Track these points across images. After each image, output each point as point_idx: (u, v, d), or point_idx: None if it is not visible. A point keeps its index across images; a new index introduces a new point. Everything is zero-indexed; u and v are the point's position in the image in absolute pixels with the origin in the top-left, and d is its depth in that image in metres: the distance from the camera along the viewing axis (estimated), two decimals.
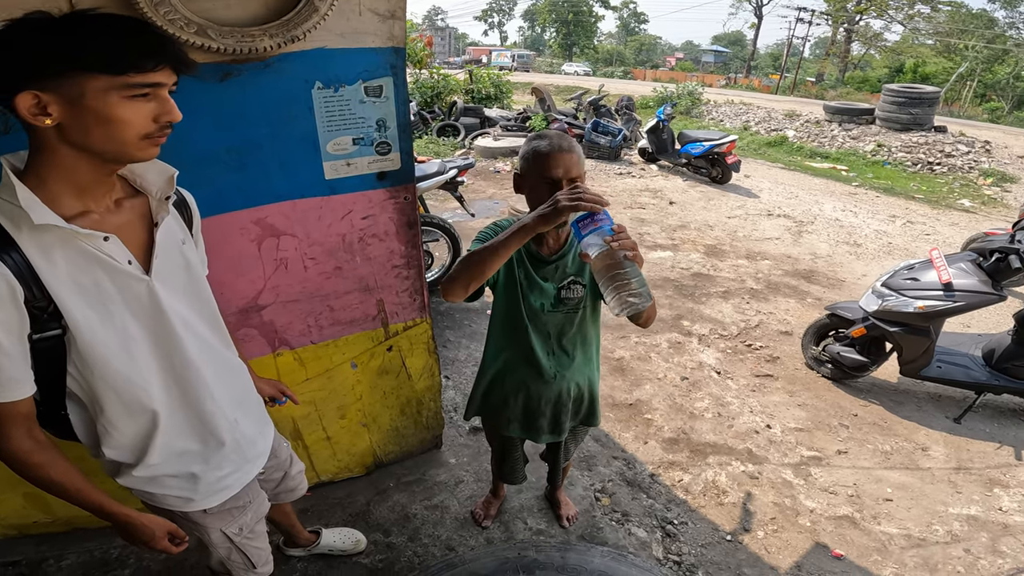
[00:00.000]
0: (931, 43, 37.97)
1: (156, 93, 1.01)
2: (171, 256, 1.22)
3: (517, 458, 2.27)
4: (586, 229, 1.29)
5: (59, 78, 0.94)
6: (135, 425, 1.21)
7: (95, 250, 1.07)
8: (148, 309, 1.16)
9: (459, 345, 4.05)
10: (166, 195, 1.21)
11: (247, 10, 1.69)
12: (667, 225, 7.16)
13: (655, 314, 1.65)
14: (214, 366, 1.32)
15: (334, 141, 1.94)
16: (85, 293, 1.08)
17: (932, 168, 11.48)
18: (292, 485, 1.79)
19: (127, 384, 1.17)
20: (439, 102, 14.24)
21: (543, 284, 1.74)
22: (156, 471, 1.27)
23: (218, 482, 1.36)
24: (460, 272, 1.49)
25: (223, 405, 1.34)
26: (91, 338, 1.09)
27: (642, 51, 73.52)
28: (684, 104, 18.60)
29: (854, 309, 3.81)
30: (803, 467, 3.14)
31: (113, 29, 0.97)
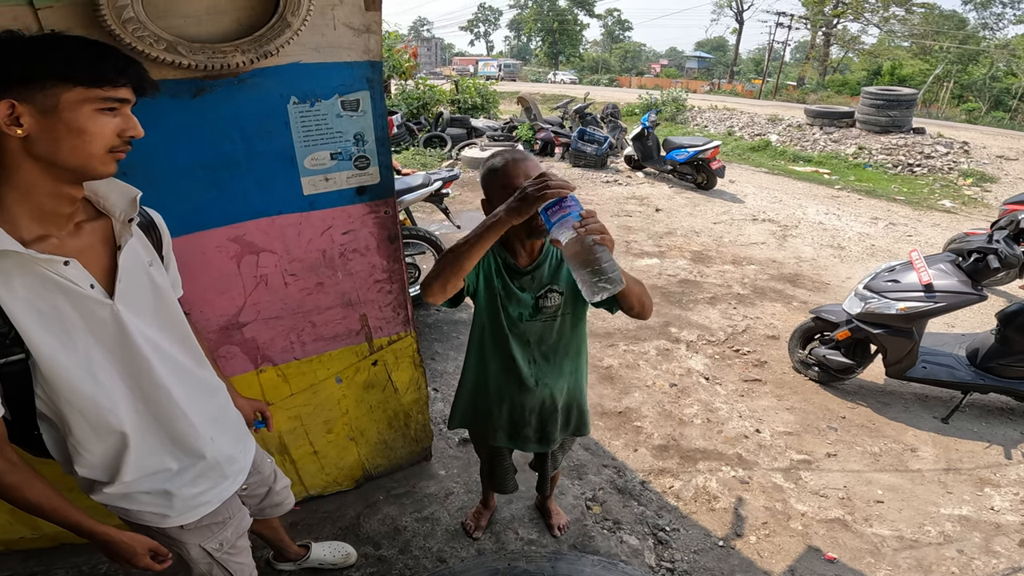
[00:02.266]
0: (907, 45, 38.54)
1: (121, 109, 1.06)
2: (136, 279, 1.21)
3: (506, 468, 2.26)
4: (555, 216, 1.29)
5: (38, 88, 0.97)
6: (104, 445, 1.21)
7: (55, 275, 1.07)
8: (112, 333, 1.16)
9: (447, 357, 4.02)
10: (129, 217, 1.20)
11: (218, 26, 1.67)
12: (654, 232, 7.17)
13: (651, 304, 1.64)
14: (186, 386, 1.31)
15: (311, 156, 1.92)
16: (44, 318, 1.07)
17: (912, 170, 11.58)
18: (277, 500, 1.78)
19: (93, 406, 1.16)
20: (425, 113, 14.21)
21: (520, 294, 1.75)
22: (129, 488, 1.26)
23: (194, 498, 1.36)
24: (437, 271, 1.49)
25: (197, 424, 1.33)
26: (53, 363, 1.09)
27: (627, 58, 74.09)
28: (669, 111, 18.69)
29: (838, 312, 3.82)
30: (793, 471, 3.13)
31: (87, 48, 1.02)
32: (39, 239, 1.07)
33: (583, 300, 1.76)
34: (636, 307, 1.59)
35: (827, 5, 39.03)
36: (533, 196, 1.32)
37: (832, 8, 39.12)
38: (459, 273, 1.47)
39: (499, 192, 1.60)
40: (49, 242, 1.08)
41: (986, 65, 30.97)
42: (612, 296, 1.51)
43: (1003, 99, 27.98)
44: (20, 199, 1.04)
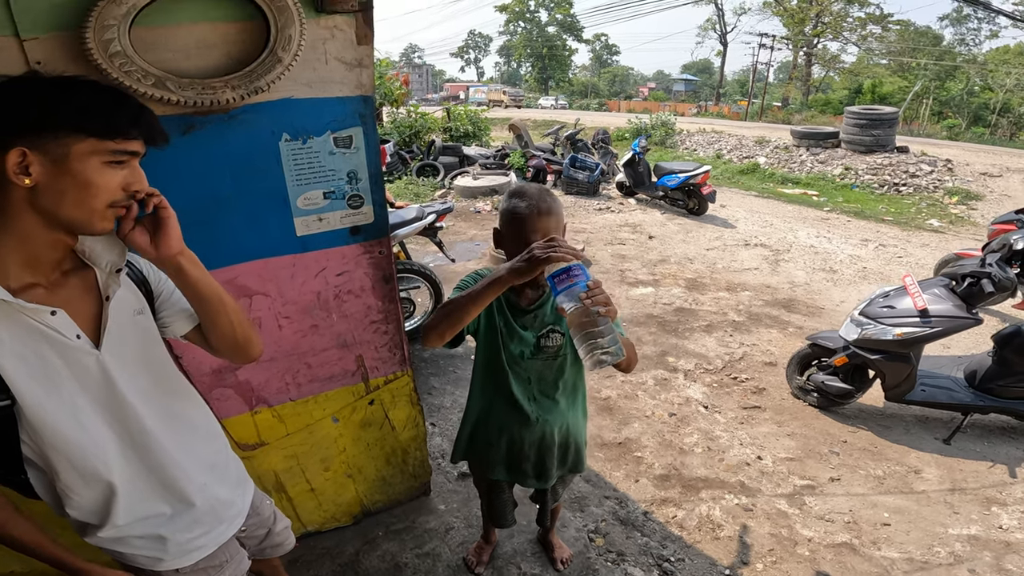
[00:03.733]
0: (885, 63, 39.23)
1: (130, 162, 1.05)
2: (124, 328, 1.20)
3: (506, 501, 2.24)
4: (561, 285, 1.29)
5: (51, 137, 0.96)
6: (92, 491, 1.19)
7: (41, 325, 1.06)
8: (99, 382, 1.15)
9: (444, 392, 3.98)
10: (117, 267, 1.19)
11: (208, 61, 1.66)
12: (647, 260, 7.17)
13: (636, 360, 1.66)
14: (176, 432, 1.30)
15: (304, 195, 1.90)
16: (30, 367, 1.06)
17: (898, 189, 11.69)
18: (278, 541, 1.76)
19: (81, 453, 1.15)
20: (417, 141, 14.24)
21: (522, 333, 1.75)
22: (121, 532, 1.24)
23: (189, 543, 1.34)
24: (438, 321, 1.49)
25: (189, 470, 1.32)
26: (38, 410, 1.08)
27: (616, 82, 75.03)
28: (658, 135, 18.83)
29: (834, 338, 3.82)
30: (797, 496, 3.09)
31: (101, 95, 1.01)
32: (27, 288, 1.06)
33: None
34: (624, 365, 1.62)
35: (807, 25, 39.70)
36: (538, 260, 1.32)
37: (812, 28, 39.80)
38: (458, 325, 1.48)
39: (513, 235, 1.61)
40: (36, 291, 1.07)
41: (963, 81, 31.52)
42: None
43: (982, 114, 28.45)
44: (14, 248, 1.03)
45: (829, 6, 38.55)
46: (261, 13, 1.63)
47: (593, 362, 1.25)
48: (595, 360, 1.25)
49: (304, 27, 1.68)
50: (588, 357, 1.26)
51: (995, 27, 40.32)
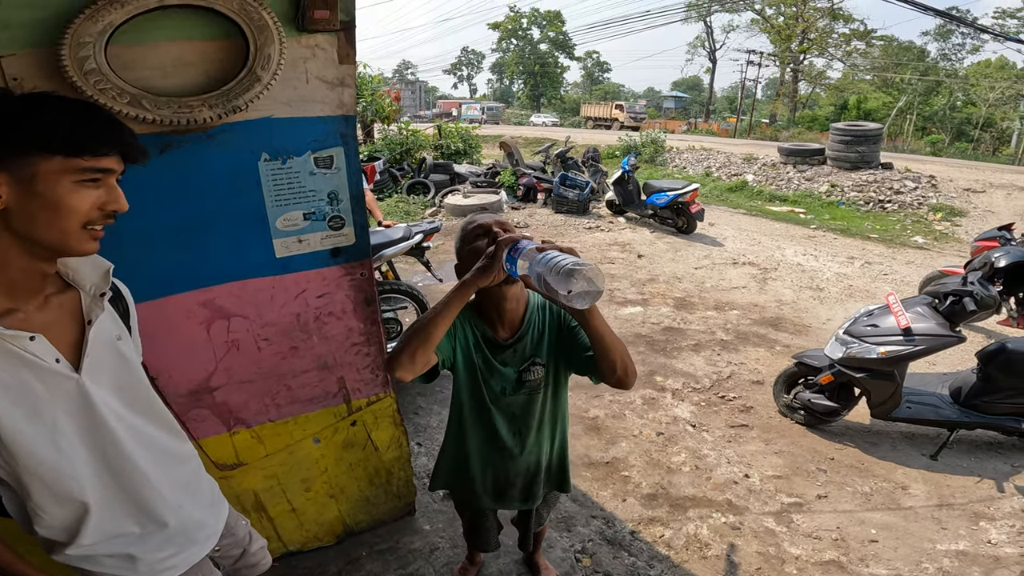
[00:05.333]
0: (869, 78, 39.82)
1: (105, 180, 1.01)
2: (104, 353, 1.19)
3: (489, 526, 2.20)
4: (515, 254, 1.26)
5: (16, 157, 0.93)
6: (63, 511, 1.18)
7: (20, 350, 1.05)
8: (78, 405, 1.14)
9: (431, 412, 3.96)
10: (101, 291, 1.18)
11: (185, 79, 1.65)
12: (636, 279, 7.18)
13: (634, 370, 1.53)
14: (153, 455, 1.29)
15: (284, 216, 1.88)
16: (9, 391, 1.05)
17: (883, 206, 11.80)
18: (252, 561, 1.74)
19: (55, 475, 1.13)
20: (408, 158, 14.22)
21: (502, 369, 1.70)
22: (90, 551, 1.23)
23: (160, 563, 1.32)
24: (405, 343, 1.41)
25: (164, 492, 1.31)
26: (15, 434, 1.06)
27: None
28: (648, 152, 18.93)
29: (820, 357, 3.84)
30: (784, 514, 3.08)
31: (70, 111, 0.98)
32: (6, 313, 1.05)
33: (566, 370, 1.75)
34: (619, 369, 1.48)
35: (793, 41, 40.32)
36: (495, 250, 1.29)
37: (798, 44, 40.40)
38: (428, 344, 1.40)
39: (466, 255, 1.60)
40: (16, 316, 1.06)
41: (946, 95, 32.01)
42: (593, 363, 1.50)
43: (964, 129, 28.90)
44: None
45: (815, 23, 39.20)
46: (240, 31, 1.63)
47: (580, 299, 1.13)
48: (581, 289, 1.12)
49: (284, 46, 1.68)
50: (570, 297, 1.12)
51: (977, 42, 41.17)
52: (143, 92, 1.56)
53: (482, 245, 1.50)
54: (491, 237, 1.36)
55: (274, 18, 1.66)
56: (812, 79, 43.36)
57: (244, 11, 1.62)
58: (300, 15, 1.71)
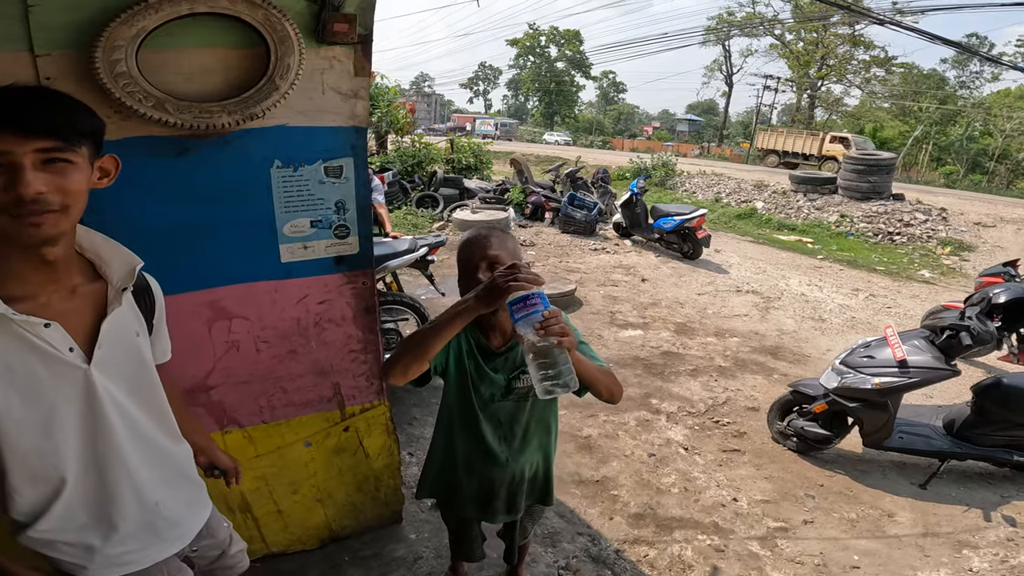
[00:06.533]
0: (887, 106, 39.85)
1: (8, 163, 0.99)
2: (119, 346, 1.23)
3: (474, 536, 2.25)
4: (519, 312, 1.33)
5: None
6: (35, 494, 1.21)
7: (33, 336, 1.09)
8: (82, 395, 1.18)
9: (425, 423, 4.03)
10: (123, 286, 1.22)
11: (207, 85, 1.73)
12: (639, 303, 7.26)
13: (620, 392, 1.68)
14: (143, 452, 1.32)
15: (291, 223, 1.96)
16: (14, 376, 1.09)
17: (892, 238, 11.88)
18: (230, 563, 1.77)
19: (37, 458, 1.17)
20: (419, 171, 14.37)
21: (493, 375, 1.77)
22: (50, 536, 1.24)
23: (118, 556, 1.33)
24: (400, 354, 1.52)
25: (143, 489, 1.33)
26: (5, 416, 1.10)
27: (621, 120, 75.83)
28: (658, 175, 19.04)
29: (815, 386, 3.91)
30: (769, 539, 3.14)
31: None
32: (25, 298, 1.09)
33: None
34: (605, 395, 1.64)
35: (812, 67, 40.42)
36: (500, 288, 1.35)
37: (817, 70, 40.52)
38: (422, 358, 1.49)
39: (463, 267, 1.69)
40: (35, 302, 1.10)
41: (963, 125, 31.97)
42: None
43: (980, 161, 28.82)
44: (5, 259, 1.08)
45: (835, 49, 39.32)
46: (262, 41, 1.72)
47: (543, 391, 1.30)
48: (544, 389, 1.30)
49: (303, 56, 1.77)
50: (538, 384, 1.31)
51: (997, 70, 41.14)
52: (167, 96, 1.64)
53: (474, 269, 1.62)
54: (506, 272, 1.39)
55: (296, 30, 1.75)
56: (829, 106, 43.45)
57: (268, 22, 1.71)
58: (320, 27, 1.81)
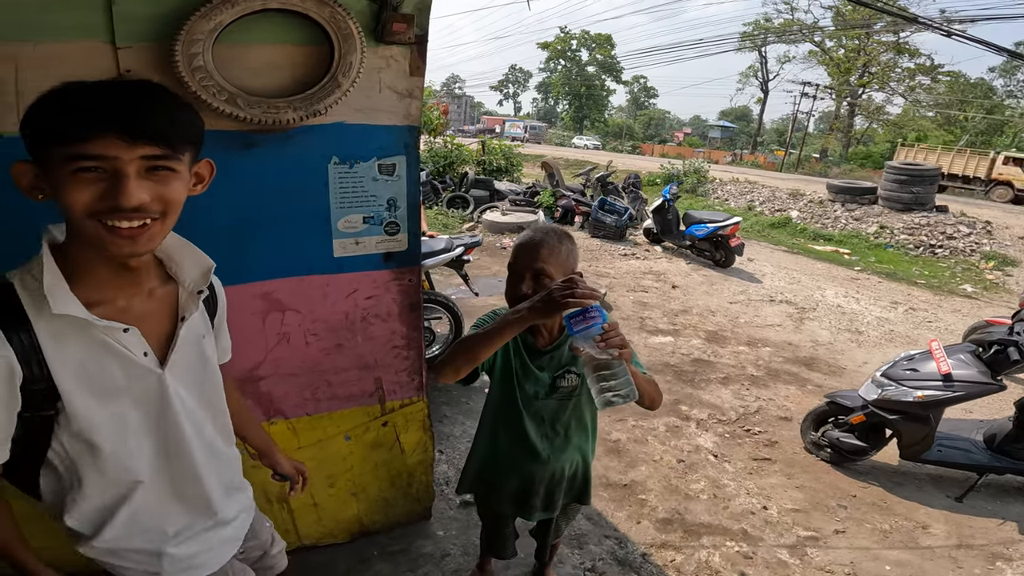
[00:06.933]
0: (931, 115, 39.02)
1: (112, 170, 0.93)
2: (189, 350, 1.23)
3: (508, 534, 2.30)
4: (578, 326, 1.35)
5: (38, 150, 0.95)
6: (103, 500, 1.20)
7: (112, 341, 1.09)
8: (155, 400, 1.18)
9: (455, 421, 4.12)
10: (198, 289, 1.22)
11: (274, 81, 1.81)
12: (669, 310, 7.27)
13: (660, 397, 1.72)
14: (207, 455, 1.33)
15: (345, 219, 2.04)
16: (91, 381, 1.09)
17: (934, 251, 11.67)
18: (270, 563, 1.78)
19: (114, 463, 1.17)
20: (451, 172, 14.55)
21: (538, 373, 1.82)
22: (116, 544, 1.23)
23: (186, 560, 1.32)
24: (452, 356, 1.56)
25: (210, 492, 1.34)
26: (88, 424, 1.10)
27: (651, 125, 75.61)
28: (690, 182, 18.94)
29: (853, 397, 3.92)
30: (799, 547, 3.16)
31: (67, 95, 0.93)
32: (104, 302, 1.08)
33: None
34: (647, 403, 1.66)
35: (853, 74, 39.76)
36: (558, 302, 1.37)
37: (858, 78, 39.85)
38: (473, 362, 1.55)
39: (511, 270, 1.73)
40: (113, 307, 1.10)
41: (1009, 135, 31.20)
42: None
43: None
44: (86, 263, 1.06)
45: (878, 56, 38.68)
46: (327, 38, 1.79)
47: (603, 402, 1.34)
48: (605, 400, 1.33)
49: (364, 55, 1.83)
50: (598, 396, 1.34)
51: None
52: (239, 91, 1.71)
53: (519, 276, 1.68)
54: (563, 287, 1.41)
55: (358, 28, 1.81)
56: (870, 114, 42.73)
57: (333, 19, 1.78)
58: (380, 27, 1.88)
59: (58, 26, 1.59)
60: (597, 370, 1.35)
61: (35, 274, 1.02)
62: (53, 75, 1.60)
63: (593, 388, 1.36)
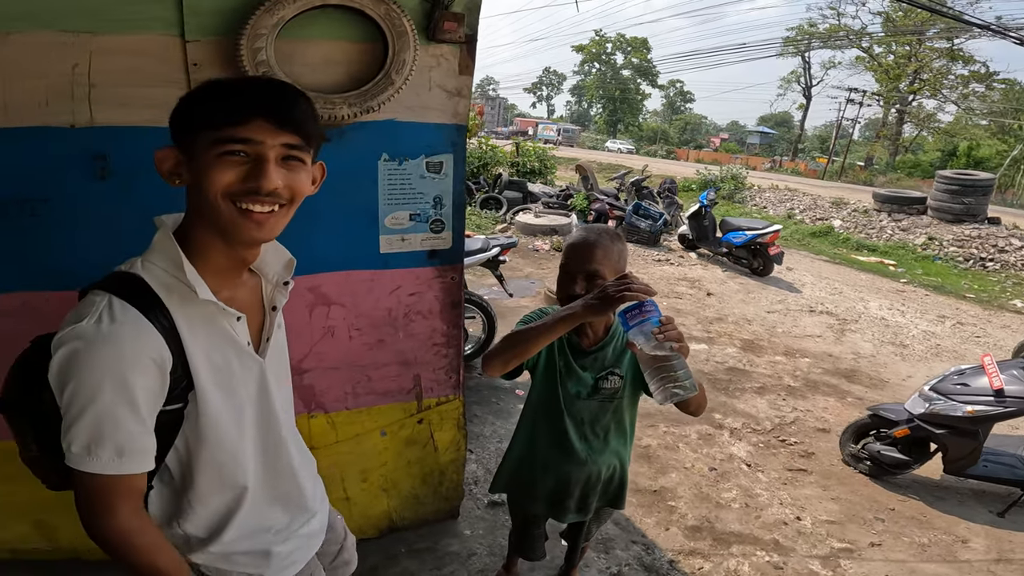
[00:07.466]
0: (985, 123, 38.03)
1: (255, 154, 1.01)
2: (276, 340, 1.28)
3: (538, 535, 2.32)
4: (633, 320, 1.37)
5: (185, 137, 1.03)
6: (221, 500, 1.21)
7: (230, 329, 1.13)
8: (259, 389, 1.21)
9: (485, 421, 4.19)
10: (284, 280, 1.28)
11: (330, 77, 1.88)
12: (703, 317, 7.26)
13: (705, 402, 1.74)
14: (297, 447, 1.38)
15: (392, 215, 2.11)
16: (216, 370, 1.11)
17: (984, 265, 11.47)
18: (347, 557, 1.76)
19: (232, 461, 1.18)
20: (485, 173, 14.68)
21: (581, 373, 1.85)
22: (230, 548, 1.24)
23: (287, 557, 1.34)
24: (503, 349, 1.61)
25: (300, 484, 1.36)
26: (216, 416, 1.12)
27: (687, 130, 75.13)
28: (727, 188, 18.81)
29: (898, 411, 3.92)
30: (832, 559, 3.16)
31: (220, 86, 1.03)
32: (219, 291, 1.10)
33: (641, 386, 1.85)
34: (692, 407, 1.68)
35: (903, 81, 38.92)
36: (612, 298, 1.40)
37: (908, 84, 39.05)
38: (523, 356, 1.60)
39: (564, 270, 1.77)
40: (226, 294, 1.13)
41: None
42: None
43: None
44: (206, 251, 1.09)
45: (930, 63, 37.93)
46: (381, 36, 1.86)
47: (666, 395, 1.34)
48: (669, 393, 1.34)
49: (417, 53, 1.90)
50: (661, 390, 1.35)
51: None
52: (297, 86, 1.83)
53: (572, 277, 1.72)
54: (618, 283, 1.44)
55: (412, 26, 1.86)
56: (920, 121, 41.89)
57: (388, 16, 1.83)
58: (432, 25, 1.95)
59: (130, 19, 1.69)
60: (656, 363, 1.35)
61: (158, 263, 1.07)
62: (124, 68, 1.76)
63: (653, 383, 1.37)
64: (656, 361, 1.35)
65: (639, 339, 1.36)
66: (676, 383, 1.33)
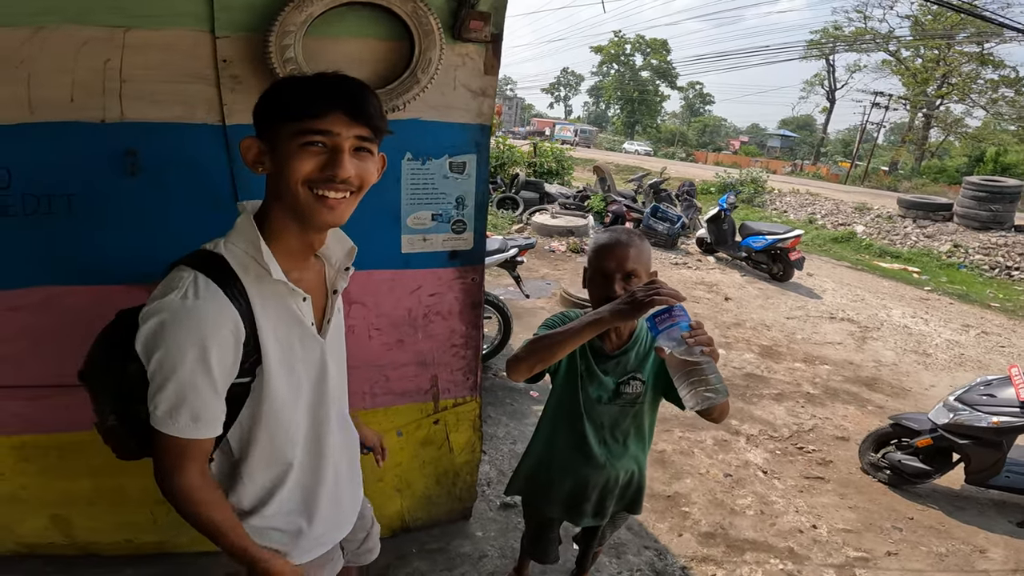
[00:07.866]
0: (1013, 128, 37.58)
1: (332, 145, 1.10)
2: (337, 322, 1.36)
3: (552, 538, 2.32)
4: (662, 325, 1.37)
5: (269, 129, 1.12)
6: (268, 475, 1.29)
7: (297, 308, 1.22)
8: (317, 370, 1.29)
9: (499, 422, 4.22)
10: (345, 266, 1.36)
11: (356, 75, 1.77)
12: (721, 322, 7.25)
13: (728, 409, 1.73)
14: (341, 430, 1.43)
15: (414, 215, 2.12)
16: (282, 348, 1.20)
17: (1010, 273, 11.38)
18: (371, 545, 1.82)
19: (284, 437, 1.27)
20: (502, 173, 14.69)
21: (603, 378, 1.86)
22: (268, 523, 1.31)
23: (316, 539, 1.39)
24: (528, 353, 1.60)
25: (340, 466, 1.42)
26: (277, 391, 1.20)
27: (705, 132, 74.71)
28: (747, 192, 18.76)
29: (921, 420, 3.93)
30: (847, 567, 3.16)
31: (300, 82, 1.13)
32: (290, 272, 1.20)
33: (662, 391, 1.88)
34: (716, 413, 1.66)
35: (930, 85, 38.45)
36: (642, 303, 1.40)
37: (936, 89, 38.59)
38: (549, 361, 1.59)
39: (592, 267, 1.80)
40: (292, 275, 1.21)
41: None
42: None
43: None
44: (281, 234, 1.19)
45: (959, 67, 37.54)
46: (408, 34, 1.88)
47: (698, 400, 1.35)
48: (701, 398, 1.34)
49: (443, 52, 1.91)
50: (692, 395, 1.35)
51: None
52: None
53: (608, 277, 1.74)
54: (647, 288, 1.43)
55: (439, 25, 1.86)
56: (947, 126, 41.48)
57: (415, 15, 1.83)
58: (458, 24, 1.95)
59: (161, 14, 1.72)
60: (687, 367, 1.35)
61: (238, 243, 1.17)
62: (155, 62, 1.79)
63: (684, 388, 1.37)
64: (686, 365, 1.36)
65: (669, 344, 1.37)
66: (708, 387, 1.34)
